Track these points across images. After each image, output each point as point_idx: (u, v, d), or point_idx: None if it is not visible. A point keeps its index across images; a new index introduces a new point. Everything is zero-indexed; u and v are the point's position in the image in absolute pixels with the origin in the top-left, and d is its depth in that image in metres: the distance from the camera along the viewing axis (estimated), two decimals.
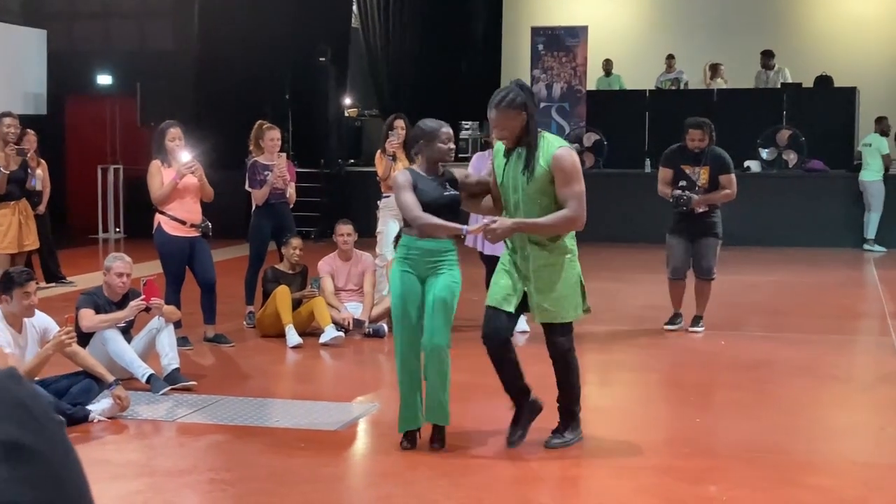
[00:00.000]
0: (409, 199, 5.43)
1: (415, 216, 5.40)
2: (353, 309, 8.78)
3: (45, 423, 0.66)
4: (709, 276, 8.78)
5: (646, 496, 4.96)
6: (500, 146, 5.47)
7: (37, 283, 6.37)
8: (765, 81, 17.80)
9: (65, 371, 6.32)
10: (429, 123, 5.69)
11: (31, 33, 16.28)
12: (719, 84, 18.04)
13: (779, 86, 17.52)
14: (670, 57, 18.55)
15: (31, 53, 16.13)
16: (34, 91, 16.21)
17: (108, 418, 6.12)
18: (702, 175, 8.63)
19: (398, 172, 5.93)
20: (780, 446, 5.75)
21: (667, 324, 8.98)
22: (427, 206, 5.45)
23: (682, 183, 8.63)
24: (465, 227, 5.39)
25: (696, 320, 8.92)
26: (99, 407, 6.14)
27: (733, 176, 8.72)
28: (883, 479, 5.29)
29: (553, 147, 5.34)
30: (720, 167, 8.67)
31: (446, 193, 5.56)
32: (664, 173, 8.85)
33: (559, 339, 5.58)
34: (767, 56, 17.84)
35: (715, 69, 18.13)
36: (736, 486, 5.07)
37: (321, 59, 16.77)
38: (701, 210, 8.62)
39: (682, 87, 18.41)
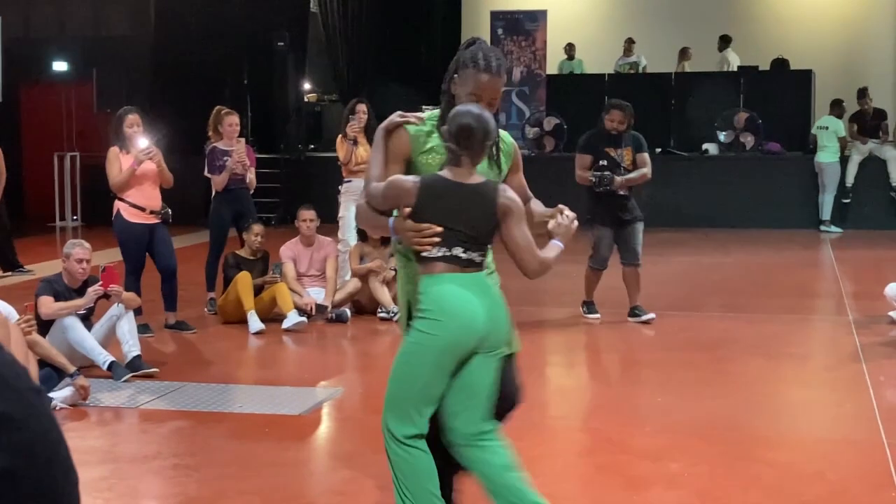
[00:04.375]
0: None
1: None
2: (316, 294, 8.79)
3: (21, 392, 0.67)
4: (637, 260, 8.67)
5: (607, 474, 5.01)
6: (420, 133, 3.82)
7: None
8: (719, 65, 18.00)
9: None
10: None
11: None
12: (684, 68, 18.18)
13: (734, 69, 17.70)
14: (629, 41, 18.63)
15: None
16: None
17: (70, 406, 6.10)
18: (625, 156, 8.57)
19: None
20: (738, 423, 5.83)
21: (589, 314, 8.85)
22: None
23: (603, 162, 8.51)
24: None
25: (636, 311, 8.69)
26: (60, 395, 6.11)
27: (647, 155, 8.72)
28: (839, 454, 5.38)
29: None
30: (638, 147, 8.65)
31: None
32: (583, 159, 8.63)
33: None
34: (725, 41, 18.02)
35: (684, 53, 18.25)
36: (696, 462, 5.14)
37: (280, 43, 16.71)
38: (622, 192, 8.54)
39: (640, 71, 18.50)
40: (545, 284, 10.91)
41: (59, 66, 17.20)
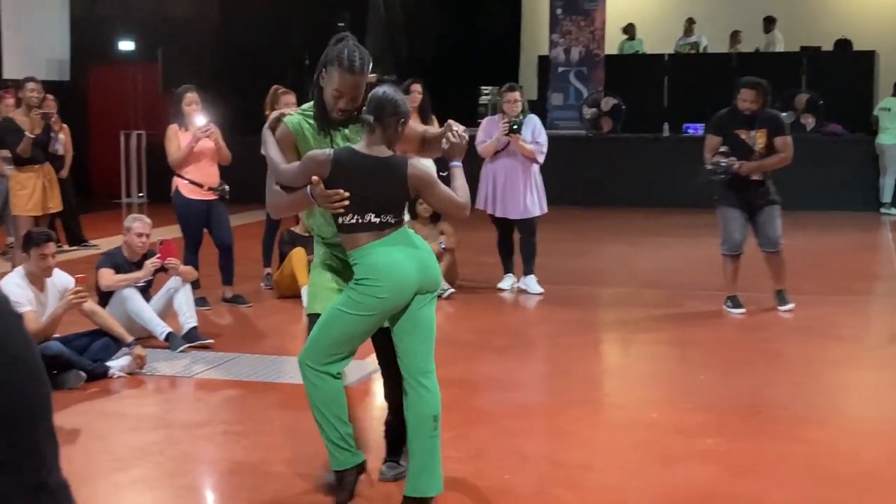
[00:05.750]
0: None
1: None
2: None
3: (3, 315, 0.80)
4: (777, 247, 8.16)
5: (643, 449, 5.11)
6: (296, 123, 4.17)
7: (57, 245, 6.56)
8: (766, 46, 17.89)
9: (86, 329, 6.52)
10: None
11: (53, 0, 16.45)
12: (737, 50, 18.05)
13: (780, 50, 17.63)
14: (690, 21, 18.52)
15: (53, 20, 16.31)
16: (57, 57, 16.41)
17: (127, 374, 6.33)
18: (759, 139, 7.96)
19: None
20: (778, 402, 5.88)
21: (732, 308, 8.26)
22: None
23: (724, 149, 7.96)
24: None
25: (781, 296, 8.28)
26: (118, 363, 6.34)
27: (790, 138, 8.04)
28: (877, 434, 5.42)
29: None
30: (776, 128, 8.02)
31: None
32: (712, 141, 8.10)
33: None
34: (770, 21, 17.90)
35: (735, 36, 18.11)
36: (732, 439, 5.22)
37: (340, 24, 16.83)
38: (756, 178, 8.00)
39: (701, 51, 18.38)
40: (596, 264, 10.99)
41: (126, 46, 17.53)
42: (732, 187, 8.06)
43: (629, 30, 18.78)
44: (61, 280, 6.34)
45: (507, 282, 9.21)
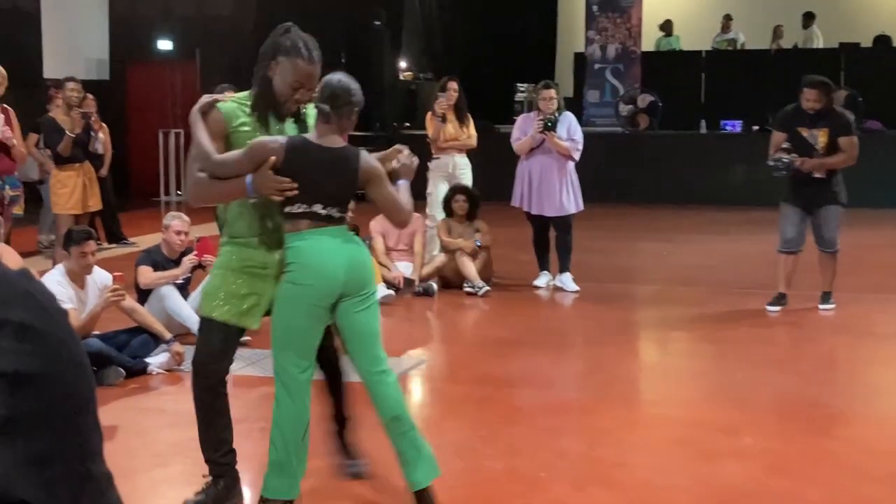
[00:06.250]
0: None
1: None
2: (404, 268, 8.99)
3: (49, 311, 0.83)
4: (832, 247, 8.08)
5: (679, 446, 5.10)
6: (231, 111, 4.05)
7: (97, 243, 6.64)
8: (804, 42, 17.76)
9: (125, 326, 6.59)
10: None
11: (92, 0, 16.62)
12: (779, 46, 17.94)
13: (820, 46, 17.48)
14: (727, 17, 18.42)
15: (93, 20, 16.48)
16: (97, 57, 16.58)
17: (166, 371, 6.39)
18: (820, 138, 7.87)
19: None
20: (816, 400, 5.85)
21: (769, 304, 8.17)
22: None
23: (786, 145, 7.90)
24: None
25: (825, 297, 8.19)
26: (157, 360, 6.41)
27: (855, 139, 7.89)
28: None
29: None
30: (840, 128, 7.89)
31: None
32: (776, 137, 8.02)
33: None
34: (809, 17, 17.75)
35: (777, 31, 18.01)
36: (769, 437, 5.20)
37: (376, 22, 16.92)
38: (818, 176, 7.89)
39: (738, 47, 18.28)
40: (633, 262, 10.97)
41: (164, 45, 17.69)
42: (795, 185, 8.01)
43: (666, 26, 18.71)
44: (101, 278, 6.41)
45: (543, 279, 9.21)
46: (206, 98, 4.10)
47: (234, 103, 4.06)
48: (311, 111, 4.14)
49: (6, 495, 0.77)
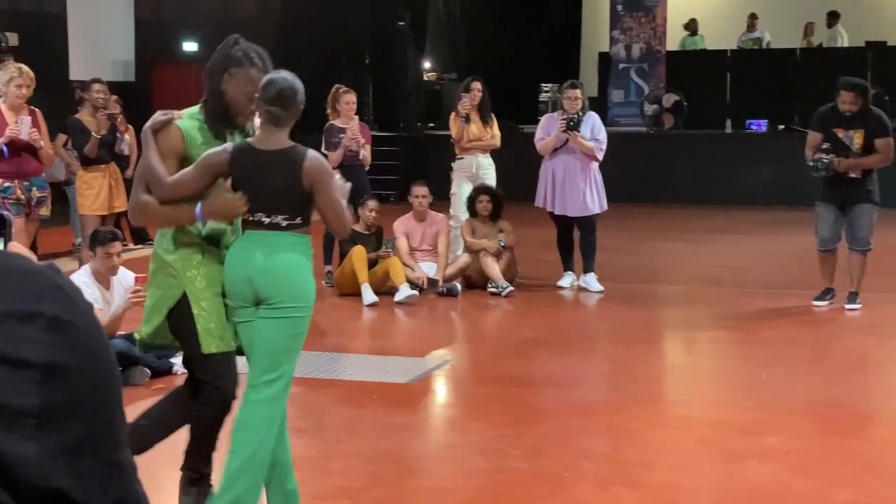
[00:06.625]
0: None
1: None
2: (428, 268, 8.99)
3: (78, 304, 0.85)
4: (863, 246, 8.05)
5: (704, 448, 5.08)
6: (189, 130, 3.93)
7: (122, 244, 6.67)
8: (829, 41, 17.64)
9: None
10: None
11: (118, 1, 16.72)
12: (815, 42, 17.84)
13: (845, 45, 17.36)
14: (752, 16, 18.33)
15: (118, 21, 16.58)
16: (122, 58, 16.68)
17: None
18: (856, 139, 7.91)
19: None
20: (842, 401, 5.82)
21: (816, 299, 8.24)
22: None
23: (826, 146, 7.93)
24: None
25: (852, 297, 8.16)
26: (182, 360, 6.42)
27: (891, 140, 7.92)
28: None
29: None
30: (876, 130, 7.92)
31: None
32: (813, 137, 8.06)
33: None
34: (833, 16, 17.64)
35: (809, 28, 17.92)
36: (795, 438, 5.17)
37: (400, 23, 16.94)
38: (853, 175, 7.92)
39: (763, 46, 18.19)
40: (657, 262, 10.93)
41: (190, 47, 17.78)
42: (830, 183, 8.03)
43: (691, 26, 18.63)
44: (126, 278, 6.44)
45: (567, 280, 9.20)
46: (160, 115, 3.95)
47: (190, 121, 3.91)
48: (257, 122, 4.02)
49: (43, 484, 0.80)
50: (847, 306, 8.16)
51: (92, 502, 0.83)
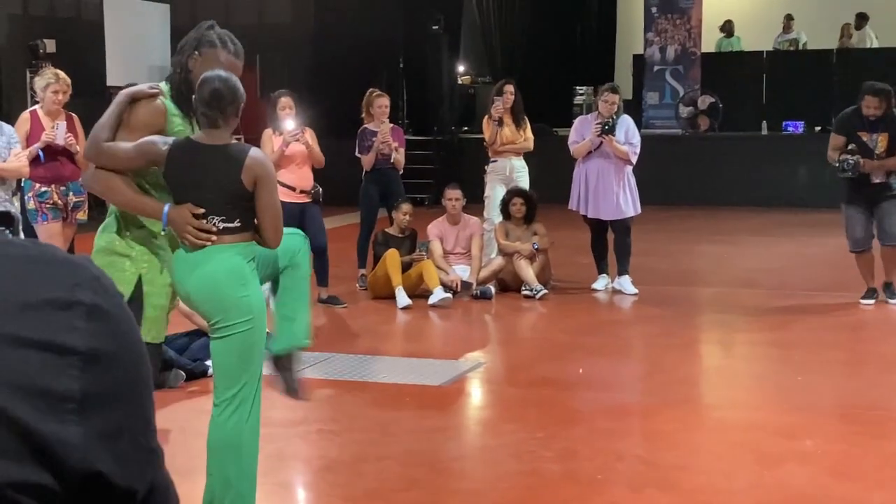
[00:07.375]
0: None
1: None
2: (461, 271, 8.99)
3: (113, 294, 0.88)
4: (895, 241, 8.13)
5: (740, 451, 5.04)
6: (172, 108, 3.87)
7: None
8: (859, 43, 17.49)
9: (186, 329, 6.67)
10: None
11: (154, 8, 16.86)
12: (849, 43, 17.67)
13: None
14: (788, 17, 18.19)
15: (154, 28, 16.71)
16: (158, 65, 16.78)
17: None
18: (880, 142, 8.02)
19: None
20: (879, 403, 5.75)
21: (862, 298, 8.30)
22: None
23: (851, 146, 8.03)
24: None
25: (890, 289, 8.29)
26: None
27: None
28: None
29: None
30: None
31: None
32: (836, 140, 8.21)
33: None
34: (862, 18, 17.48)
35: (846, 28, 17.77)
36: (831, 441, 5.12)
37: (434, 27, 16.95)
38: (878, 180, 8.04)
39: (800, 47, 18.04)
40: (693, 264, 10.87)
41: None
42: (855, 186, 8.11)
43: (727, 27, 18.51)
44: None
45: (601, 282, 9.16)
46: (146, 87, 3.87)
47: (168, 101, 3.83)
48: None
49: (86, 468, 0.83)
50: (890, 300, 8.25)
51: (131, 486, 0.87)
